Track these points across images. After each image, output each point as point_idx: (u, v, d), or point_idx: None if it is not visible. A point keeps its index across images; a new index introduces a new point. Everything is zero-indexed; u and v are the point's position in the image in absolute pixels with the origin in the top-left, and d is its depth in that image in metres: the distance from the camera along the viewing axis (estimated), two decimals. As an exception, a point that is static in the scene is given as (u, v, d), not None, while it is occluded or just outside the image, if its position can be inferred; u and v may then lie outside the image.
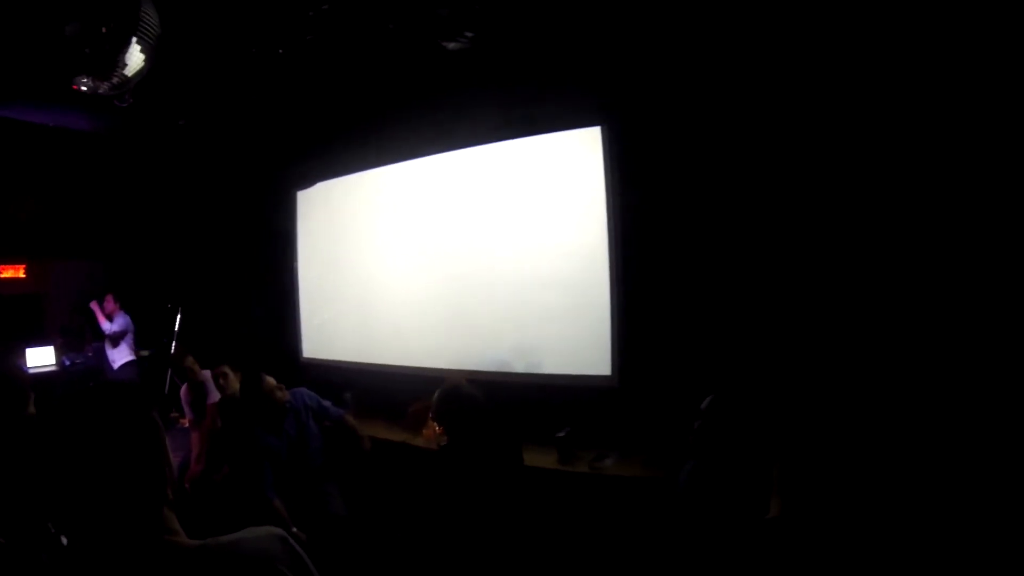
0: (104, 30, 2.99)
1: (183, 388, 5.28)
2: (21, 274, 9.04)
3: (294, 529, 3.52)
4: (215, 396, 4.92)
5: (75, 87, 3.16)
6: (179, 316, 7.31)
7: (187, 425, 5.61)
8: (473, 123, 4.90)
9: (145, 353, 8.20)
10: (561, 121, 4.52)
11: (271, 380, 3.95)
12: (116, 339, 7.52)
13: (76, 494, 1.16)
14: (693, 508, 2.76)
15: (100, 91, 3.19)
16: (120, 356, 7.58)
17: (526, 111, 4.62)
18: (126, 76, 3.13)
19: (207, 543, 1.22)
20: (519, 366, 4.75)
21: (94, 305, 7.54)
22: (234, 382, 4.68)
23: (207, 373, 5.06)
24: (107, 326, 7.44)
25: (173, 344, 7.31)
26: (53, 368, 7.72)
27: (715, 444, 2.73)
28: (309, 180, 6.40)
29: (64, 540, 1.78)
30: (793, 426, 3.11)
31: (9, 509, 2.13)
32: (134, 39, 3.03)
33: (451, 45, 3.72)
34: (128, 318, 7.60)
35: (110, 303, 7.59)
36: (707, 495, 2.72)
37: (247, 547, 1.23)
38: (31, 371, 7.06)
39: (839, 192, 3.49)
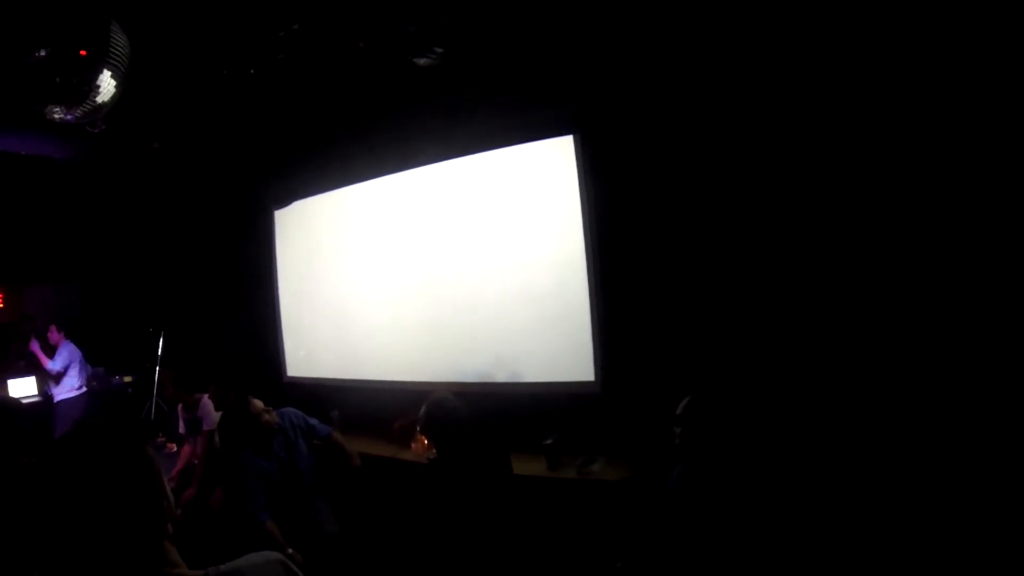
0: (73, 58, 2.98)
1: (179, 410, 5.25)
2: (-1, 303, 8.95)
3: (289, 550, 3.51)
4: (210, 422, 4.88)
5: (47, 116, 3.14)
6: (161, 340, 7.21)
7: (174, 450, 5.58)
8: (446, 137, 4.92)
9: (128, 379, 8.10)
10: (534, 131, 4.56)
11: (258, 403, 3.94)
12: (59, 377, 7.22)
13: (76, 533, 1.17)
14: (684, 511, 2.77)
15: (72, 119, 3.17)
16: (62, 391, 7.26)
17: (500, 122, 4.65)
18: (98, 103, 3.11)
19: (208, 572, 1.23)
20: (502, 376, 4.77)
21: (34, 347, 7.23)
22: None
23: (202, 397, 5.04)
24: (50, 365, 7.17)
25: (157, 369, 7.21)
26: (37, 399, 7.55)
27: (698, 447, 2.75)
28: (286, 199, 6.39)
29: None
30: (774, 426, 3.15)
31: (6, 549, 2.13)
32: (105, 67, 3.02)
33: (422, 61, 3.73)
34: (72, 347, 7.34)
35: (54, 334, 7.32)
36: (696, 498, 2.74)
37: (249, 574, 1.25)
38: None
39: (812, 194, 3.54)
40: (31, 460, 2.91)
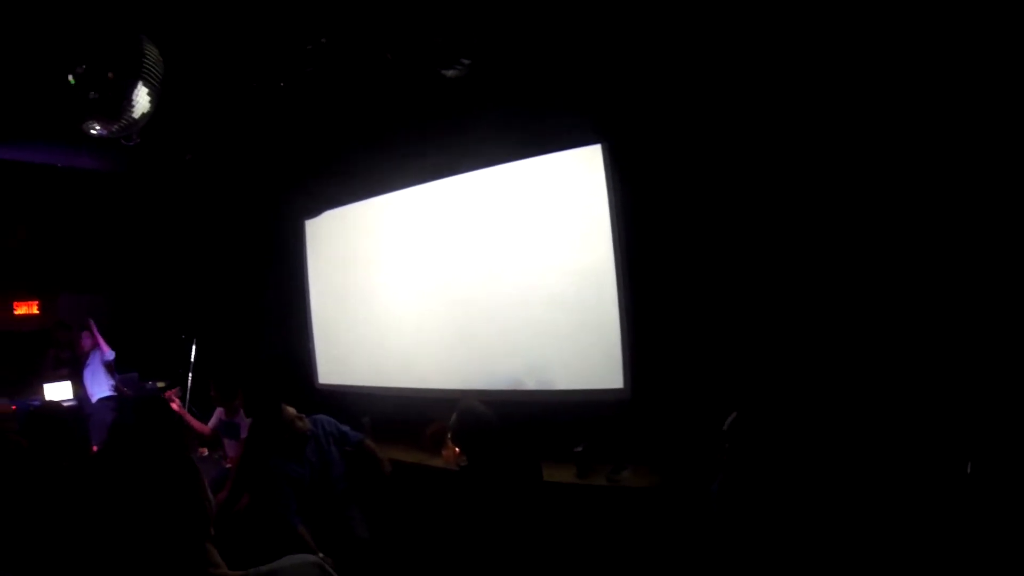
0: (109, 75, 3.05)
1: (219, 412, 5.32)
2: (35, 310, 9.11)
3: (320, 555, 3.54)
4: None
5: (85, 131, 3.22)
6: (194, 347, 7.30)
7: (205, 454, 5.65)
8: (475, 147, 4.94)
9: (161, 384, 8.20)
10: (562, 141, 4.57)
11: (291, 410, 3.98)
12: (111, 367, 7.37)
13: (124, 535, 1.21)
14: (726, 521, 2.75)
15: (108, 134, 3.24)
16: (102, 390, 7.40)
17: (527, 132, 4.66)
18: (133, 118, 3.18)
19: (248, 573, 1.26)
20: (531, 384, 4.78)
21: (95, 332, 7.38)
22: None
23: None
24: (109, 353, 7.35)
25: (189, 375, 7.30)
26: (73, 403, 7.67)
27: (746, 462, 2.71)
28: (316, 209, 6.46)
29: None
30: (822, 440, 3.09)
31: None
32: (139, 82, 3.09)
33: (449, 72, 3.75)
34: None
35: (87, 340, 7.46)
36: (740, 509, 2.71)
37: (288, 575, 1.28)
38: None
39: (847, 199, 3.51)
40: (72, 463, 2.98)
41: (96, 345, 7.45)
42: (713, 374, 3.86)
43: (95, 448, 3.73)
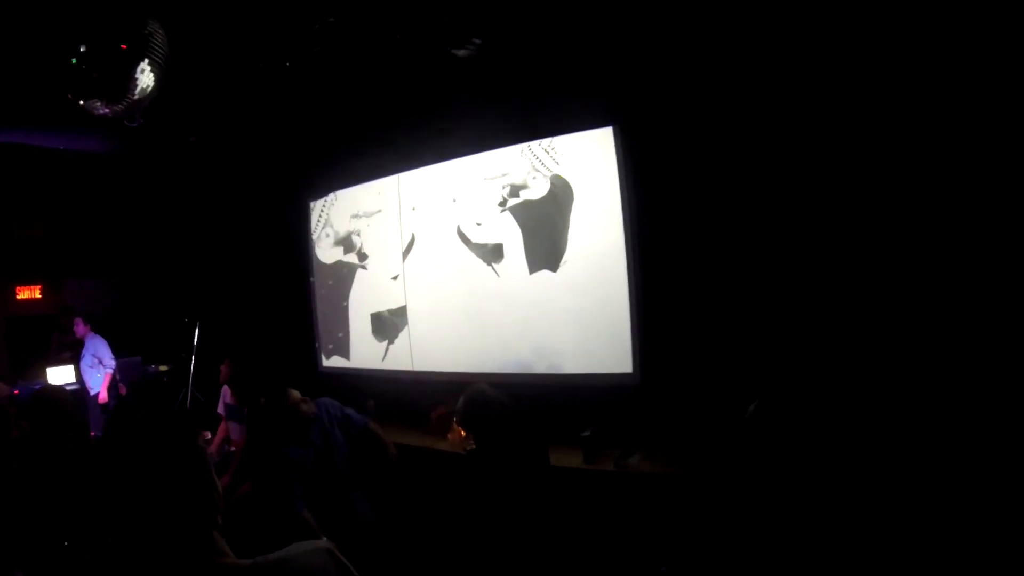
0: (113, 54, 3.01)
1: (224, 392, 5.33)
2: (37, 295, 9.12)
3: (324, 539, 3.53)
4: None
5: (88, 111, 3.18)
6: (197, 330, 7.30)
7: (209, 437, 5.65)
8: (485, 128, 4.91)
9: (164, 368, 8.22)
10: (573, 122, 4.52)
11: (296, 393, 3.96)
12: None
13: (131, 523, 1.19)
14: (747, 510, 2.71)
15: (112, 113, 3.20)
16: (98, 384, 7.49)
17: (538, 114, 4.62)
18: (137, 98, 3.14)
19: (257, 562, 1.25)
20: (540, 367, 4.76)
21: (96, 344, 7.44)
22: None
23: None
24: (108, 363, 7.43)
25: (192, 358, 7.30)
26: (75, 387, 7.69)
27: (773, 450, 2.67)
28: (321, 189, 6.43)
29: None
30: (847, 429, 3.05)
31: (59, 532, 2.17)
32: (144, 61, 3.04)
33: (460, 52, 3.71)
34: (99, 339, 7.53)
35: (80, 326, 7.50)
36: (761, 498, 2.68)
37: (297, 563, 1.27)
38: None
39: (856, 185, 3.46)
40: (75, 447, 2.97)
41: (86, 334, 7.43)
42: (723, 360, 3.83)
43: (93, 434, 3.73)
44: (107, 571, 2.08)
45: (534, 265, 4.78)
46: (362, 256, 6.11)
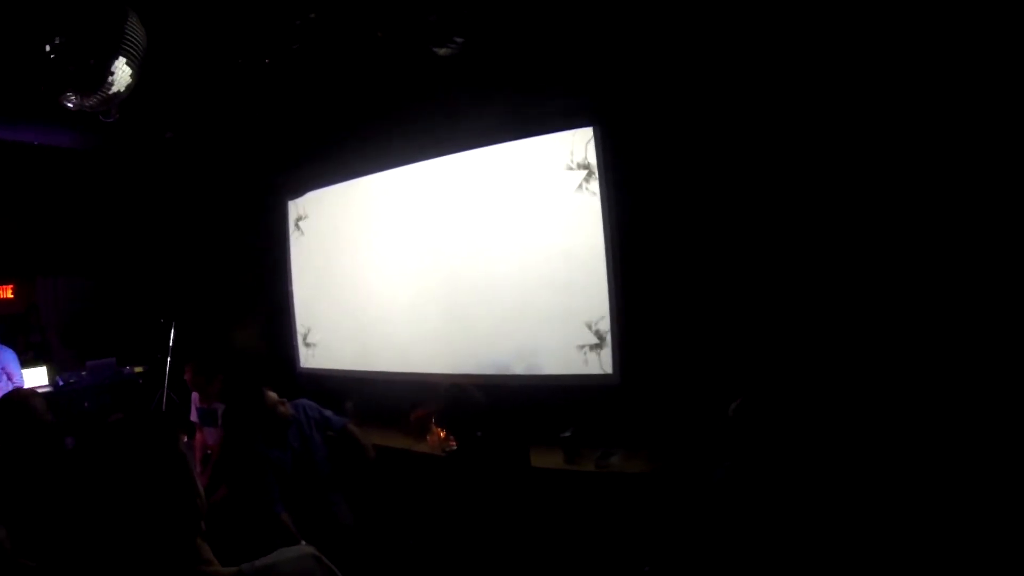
0: (88, 46, 2.95)
1: (194, 398, 5.23)
2: (9, 294, 8.97)
3: (303, 543, 3.49)
4: None
5: (62, 103, 3.12)
6: (173, 331, 7.18)
7: (185, 440, 5.56)
8: (465, 127, 4.89)
9: (139, 370, 8.09)
10: (553, 123, 4.53)
11: (273, 395, 3.91)
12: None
13: (112, 531, 1.16)
14: (730, 508, 2.71)
15: (86, 107, 3.15)
16: None
17: (518, 114, 4.62)
18: (112, 92, 3.08)
19: (243, 569, 1.23)
20: (519, 368, 4.75)
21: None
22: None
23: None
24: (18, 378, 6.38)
25: (168, 360, 7.17)
26: (47, 388, 7.52)
27: (753, 448, 2.68)
28: (300, 189, 6.38)
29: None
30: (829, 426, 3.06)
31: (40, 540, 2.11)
32: (120, 55, 2.99)
33: (442, 51, 3.68)
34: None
35: None
36: (746, 496, 2.68)
37: (284, 570, 1.25)
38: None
39: (834, 189, 3.50)
40: (45, 451, 2.90)
41: None
42: (703, 359, 3.85)
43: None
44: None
45: (514, 264, 4.77)
46: (340, 256, 6.06)
